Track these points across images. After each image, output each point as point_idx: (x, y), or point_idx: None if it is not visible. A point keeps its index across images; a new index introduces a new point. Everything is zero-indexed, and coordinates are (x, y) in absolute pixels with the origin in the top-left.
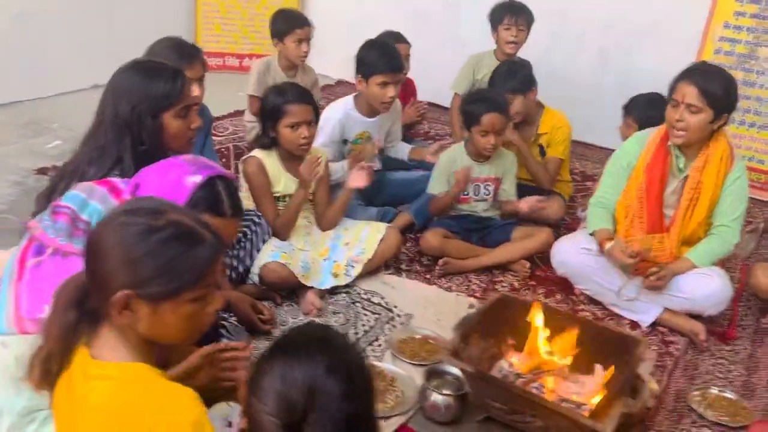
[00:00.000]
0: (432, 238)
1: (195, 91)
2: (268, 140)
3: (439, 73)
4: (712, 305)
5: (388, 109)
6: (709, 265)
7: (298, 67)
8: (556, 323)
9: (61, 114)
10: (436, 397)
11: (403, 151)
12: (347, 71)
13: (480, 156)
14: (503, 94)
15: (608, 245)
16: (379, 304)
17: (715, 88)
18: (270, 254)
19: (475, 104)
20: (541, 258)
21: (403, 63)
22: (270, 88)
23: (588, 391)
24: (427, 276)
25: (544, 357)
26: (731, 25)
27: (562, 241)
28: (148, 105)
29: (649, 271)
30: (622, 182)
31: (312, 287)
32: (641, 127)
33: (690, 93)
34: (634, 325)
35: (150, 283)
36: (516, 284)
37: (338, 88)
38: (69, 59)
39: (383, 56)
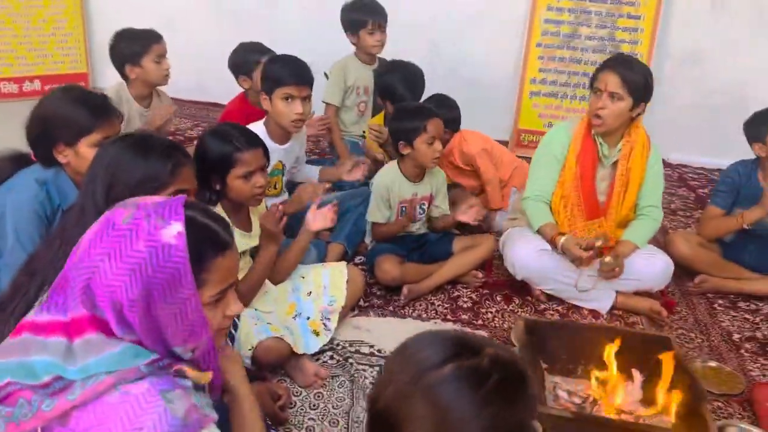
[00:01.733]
0: (390, 267)
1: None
2: (212, 195)
3: None
4: (660, 282)
5: (300, 128)
6: (646, 245)
7: (153, 93)
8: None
9: None
10: None
11: (312, 173)
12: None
13: (417, 175)
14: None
15: (561, 240)
16: (372, 354)
17: (636, 77)
18: (257, 330)
19: (412, 117)
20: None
21: (311, 75)
22: (211, 134)
23: (641, 399)
24: (390, 308)
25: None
26: (554, 7)
27: (516, 246)
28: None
29: (602, 262)
30: (556, 174)
31: (303, 354)
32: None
33: (612, 81)
34: (594, 313)
35: None
36: (474, 297)
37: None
38: None
39: (286, 67)
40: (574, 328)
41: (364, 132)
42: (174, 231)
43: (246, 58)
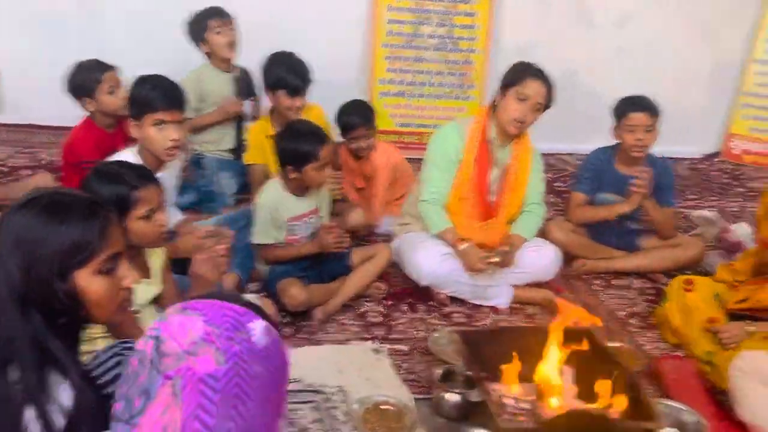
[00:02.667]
0: (297, 291)
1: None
2: None
3: None
4: (551, 272)
5: (175, 156)
6: (534, 237)
7: None
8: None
9: None
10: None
11: (175, 216)
12: None
13: (302, 191)
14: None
15: (462, 247)
16: (302, 391)
17: (551, 88)
18: None
19: (303, 141)
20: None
21: (184, 98)
22: (96, 177)
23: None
24: (302, 335)
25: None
26: (394, 7)
27: (418, 252)
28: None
29: (496, 252)
30: (451, 176)
31: None
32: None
33: (541, 93)
34: (494, 310)
35: None
36: (381, 309)
37: None
38: None
39: (156, 90)
40: (508, 333)
41: (233, 147)
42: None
43: (86, 78)
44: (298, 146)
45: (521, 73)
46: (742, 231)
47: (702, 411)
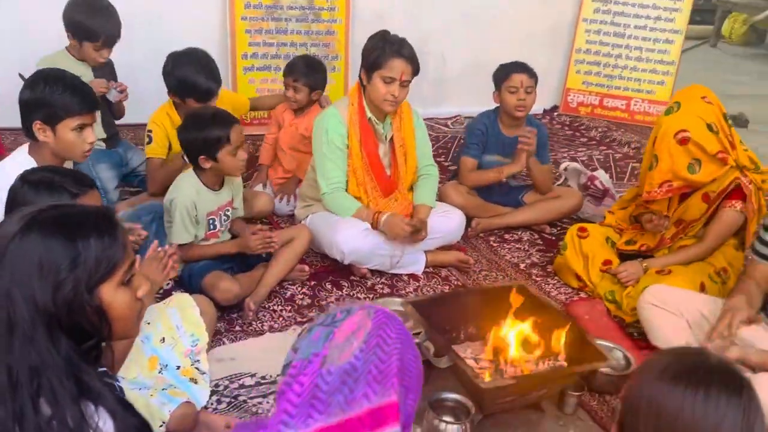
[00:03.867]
0: (229, 284)
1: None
2: None
3: None
4: (457, 234)
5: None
6: (435, 203)
7: None
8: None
9: None
10: (448, 427)
11: None
12: None
13: (218, 183)
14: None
15: (383, 218)
16: (258, 384)
17: (415, 59)
18: (159, 401)
19: (210, 126)
20: None
21: (97, 98)
22: (32, 185)
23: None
24: (237, 329)
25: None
26: None
27: (339, 231)
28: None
29: (414, 230)
30: (344, 162)
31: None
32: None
33: (406, 70)
34: (414, 276)
35: None
36: (306, 291)
37: None
38: None
39: (72, 93)
40: (452, 298)
41: (107, 137)
42: None
43: None
44: (207, 133)
45: (382, 54)
46: (604, 178)
47: (620, 345)
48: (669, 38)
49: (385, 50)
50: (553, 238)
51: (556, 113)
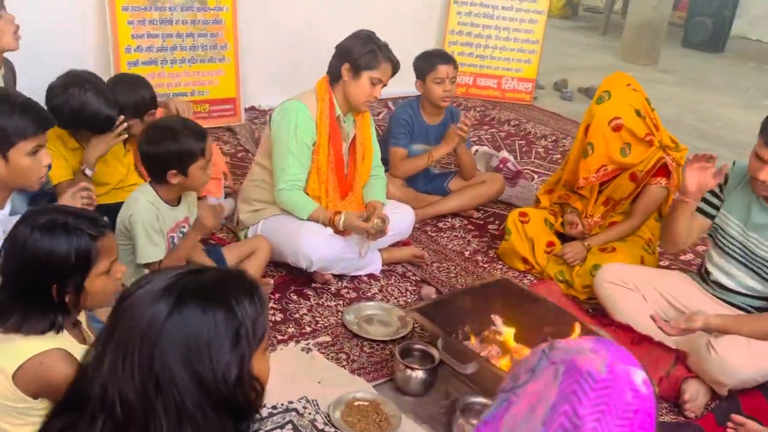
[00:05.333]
0: None
1: None
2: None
3: None
4: (408, 230)
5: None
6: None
7: None
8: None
9: None
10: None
11: None
12: None
13: (176, 199)
14: None
15: (340, 219)
16: (271, 414)
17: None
18: None
19: (183, 138)
20: None
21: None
22: (41, 232)
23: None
24: None
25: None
26: None
27: (306, 238)
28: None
29: (372, 226)
30: (308, 160)
31: None
32: None
33: (390, 74)
34: (372, 276)
35: None
36: (274, 305)
37: None
38: None
39: (24, 114)
40: (449, 300)
41: None
42: (641, 377)
43: None
44: (182, 146)
45: (375, 56)
46: (511, 159)
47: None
48: (533, 18)
49: (377, 53)
50: (481, 222)
51: None
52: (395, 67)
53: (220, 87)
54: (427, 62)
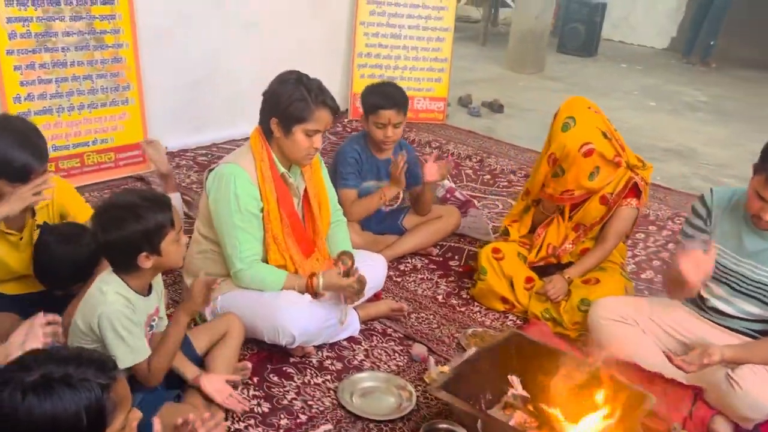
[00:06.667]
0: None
1: None
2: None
3: None
4: (382, 282)
5: None
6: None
7: None
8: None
9: None
10: None
11: None
12: None
13: (146, 287)
14: None
15: (318, 281)
16: None
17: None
18: None
19: (150, 212)
20: None
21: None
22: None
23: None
24: None
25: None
26: (11, 1)
27: (284, 312)
28: None
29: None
30: (259, 230)
31: None
32: None
33: (329, 119)
34: (353, 339)
35: None
36: (255, 392)
37: None
38: None
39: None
40: (468, 370)
41: None
42: None
43: None
44: (148, 222)
45: (306, 106)
46: (451, 186)
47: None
48: (440, 36)
49: (308, 100)
50: (441, 259)
51: (346, 120)
52: (333, 111)
53: (125, 132)
54: (370, 102)
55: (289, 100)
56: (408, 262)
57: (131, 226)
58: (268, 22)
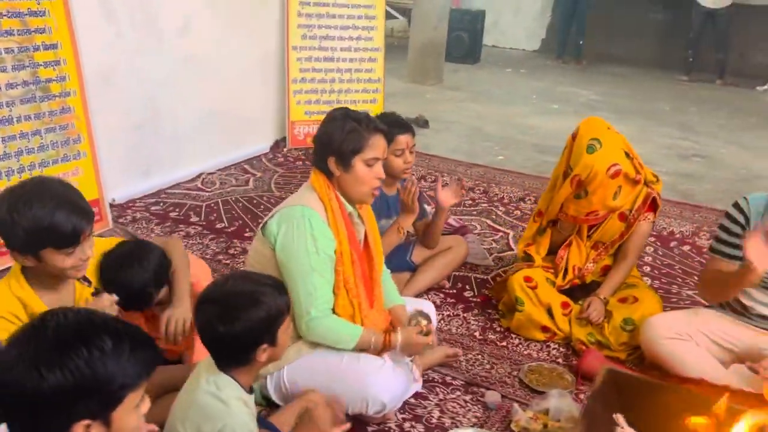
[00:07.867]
0: None
1: None
2: None
3: None
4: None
5: None
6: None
7: None
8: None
9: None
10: None
11: None
12: None
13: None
14: None
15: (397, 339)
16: None
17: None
18: None
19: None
20: None
21: None
22: None
23: None
24: None
25: None
26: None
27: (372, 379)
28: None
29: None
30: (332, 275)
31: None
32: None
33: (384, 144)
34: (419, 395)
35: None
36: None
37: None
38: None
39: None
40: (597, 416)
41: None
42: None
43: None
44: (270, 306)
45: (359, 135)
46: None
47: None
48: (372, 57)
49: (359, 130)
50: (455, 291)
51: (285, 149)
52: (386, 133)
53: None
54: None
55: (342, 135)
56: (425, 299)
57: (252, 314)
58: (204, 53)
